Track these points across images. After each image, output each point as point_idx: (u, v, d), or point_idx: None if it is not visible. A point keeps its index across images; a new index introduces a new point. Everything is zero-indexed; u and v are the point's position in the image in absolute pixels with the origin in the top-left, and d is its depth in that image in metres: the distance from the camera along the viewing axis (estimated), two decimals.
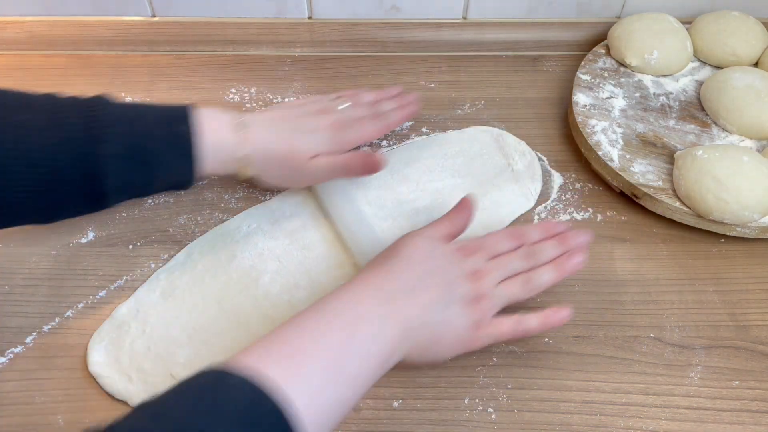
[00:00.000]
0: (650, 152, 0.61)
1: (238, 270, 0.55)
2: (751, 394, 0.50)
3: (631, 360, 0.51)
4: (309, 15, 0.73)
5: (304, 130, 0.55)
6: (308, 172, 0.55)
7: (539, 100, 0.70)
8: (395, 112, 0.61)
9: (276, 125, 0.55)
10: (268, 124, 0.54)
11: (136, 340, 0.51)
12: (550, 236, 0.51)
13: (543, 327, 0.48)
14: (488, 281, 0.48)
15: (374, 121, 0.59)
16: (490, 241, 0.50)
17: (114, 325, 0.52)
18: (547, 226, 0.52)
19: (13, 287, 0.54)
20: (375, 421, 0.48)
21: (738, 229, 0.57)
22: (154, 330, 0.51)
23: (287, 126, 0.55)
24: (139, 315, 0.52)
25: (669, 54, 0.67)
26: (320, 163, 0.55)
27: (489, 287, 0.48)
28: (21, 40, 0.72)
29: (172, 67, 0.72)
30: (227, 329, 0.51)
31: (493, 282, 0.48)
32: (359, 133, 0.57)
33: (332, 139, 0.55)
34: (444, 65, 0.73)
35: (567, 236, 0.51)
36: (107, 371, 0.49)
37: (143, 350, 0.50)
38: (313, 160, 0.54)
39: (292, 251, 0.56)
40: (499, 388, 0.50)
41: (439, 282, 0.46)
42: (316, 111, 0.57)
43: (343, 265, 0.55)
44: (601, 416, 0.49)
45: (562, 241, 0.51)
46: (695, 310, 0.54)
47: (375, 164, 0.56)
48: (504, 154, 0.64)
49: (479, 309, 0.47)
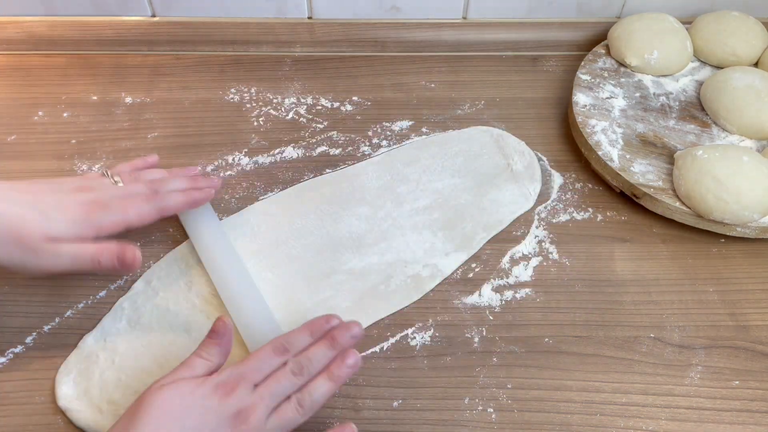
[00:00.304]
0: (650, 152, 0.61)
1: (199, 296, 0.53)
2: (751, 394, 0.50)
3: (631, 360, 0.51)
4: (309, 15, 0.73)
5: (43, 208, 0.47)
6: (48, 258, 0.46)
7: (539, 100, 0.70)
8: (176, 194, 0.53)
9: (10, 197, 0.47)
10: (2, 197, 0.47)
11: (106, 371, 0.49)
12: (317, 338, 0.46)
13: (336, 387, 0.44)
14: (256, 419, 0.41)
15: (145, 202, 0.51)
16: (252, 366, 0.44)
17: (81, 356, 0.50)
18: (314, 326, 0.47)
19: (13, 287, 0.54)
20: (375, 421, 0.48)
21: (738, 229, 0.57)
22: (124, 360, 0.49)
23: (24, 200, 0.47)
24: (107, 344, 0.50)
25: (669, 54, 0.67)
26: (61, 250, 0.46)
27: (259, 426, 0.41)
28: (21, 40, 0.72)
29: (172, 67, 0.72)
30: None
31: (263, 417, 0.41)
32: (119, 216, 0.49)
33: (80, 222, 0.48)
34: (444, 65, 0.73)
35: (335, 335, 0.46)
36: (77, 405, 0.47)
37: (114, 381, 0.48)
38: (51, 244, 0.46)
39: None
40: (499, 388, 0.50)
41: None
42: (71, 188, 0.50)
43: None
44: (601, 416, 0.49)
45: (331, 342, 0.46)
46: (695, 310, 0.54)
47: (129, 261, 0.48)
48: (504, 155, 0.64)
49: None
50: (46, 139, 0.65)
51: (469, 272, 0.56)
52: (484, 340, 0.52)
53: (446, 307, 0.54)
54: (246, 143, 0.65)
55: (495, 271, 0.56)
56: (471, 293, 0.55)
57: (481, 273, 0.56)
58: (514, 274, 0.56)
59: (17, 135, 0.65)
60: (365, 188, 0.61)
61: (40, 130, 0.66)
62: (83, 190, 0.50)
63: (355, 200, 0.60)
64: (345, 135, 0.66)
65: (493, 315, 0.54)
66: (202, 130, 0.66)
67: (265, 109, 0.68)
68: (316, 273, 0.55)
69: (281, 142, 0.65)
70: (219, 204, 0.60)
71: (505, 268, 0.57)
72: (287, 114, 0.68)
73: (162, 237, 0.57)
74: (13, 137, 0.65)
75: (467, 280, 0.56)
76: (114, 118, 0.67)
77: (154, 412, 0.40)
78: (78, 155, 0.63)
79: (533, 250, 0.58)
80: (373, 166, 0.63)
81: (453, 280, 0.56)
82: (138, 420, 0.40)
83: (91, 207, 0.49)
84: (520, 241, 0.58)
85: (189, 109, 0.68)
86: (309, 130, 0.66)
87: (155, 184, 0.53)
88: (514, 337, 0.52)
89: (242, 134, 0.66)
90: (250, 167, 0.63)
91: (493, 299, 0.55)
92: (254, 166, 0.63)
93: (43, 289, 0.54)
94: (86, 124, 0.66)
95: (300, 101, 0.69)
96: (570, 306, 0.54)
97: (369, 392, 0.49)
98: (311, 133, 0.66)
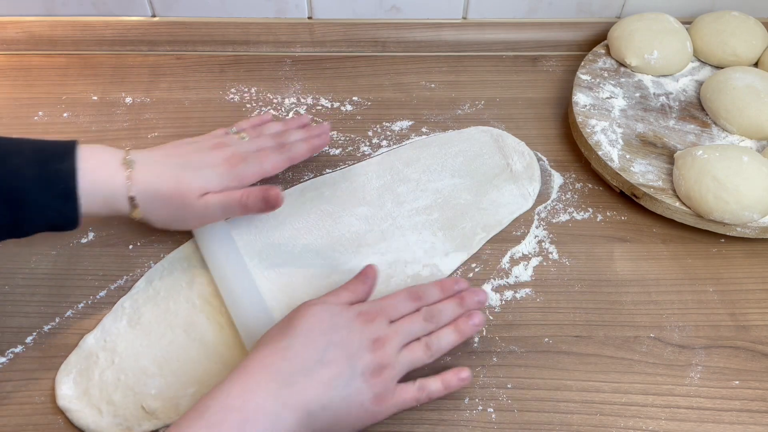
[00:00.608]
0: (650, 152, 0.61)
1: (200, 297, 0.53)
2: (751, 394, 0.50)
3: (631, 360, 0.51)
4: (309, 15, 0.73)
5: (194, 167, 0.52)
6: (199, 211, 0.52)
7: (539, 100, 0.70)
8: (300, 144, 0.57)
9: (163, 162, 0.52)
10: (154, 161, 0.51)
11: (106, 371, 0.49)
12: (448, 296, 0.50)
13: (445, 390, 0.47)
14: (390, 348, 0.46)
15: (275, 153, 0.56)
16: (391, 303, 0.48)
17: (82, 356, 0.50)
18: (446, 285, 0.51)
19: (13, 287, 0.54)
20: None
21: (738, 229, 0.57)
22: (124, 360, 0.50)
23: (174, 162, 0.52)
24: (107, 345, 0.50)
25: (669, 54, 0.67)
26: (211, 201, 0.51)
27: (391, 355, 0.46)
28: (21, 40, 0.72)
29: (172, 67, 0.72)
30: (197, 359, 0.50)
31: (396, 348, 0.46)
32: (258, 167, 0.54)
33: (226, 174, 0.52)
34: (444, 65, 0.73)
35: (465, 296, 0.50)
36: (77, 405, 0.47)
37: (113, 381, 0.49)
38: (203, 198, 0.51)
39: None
40: (499, 388, 0.50)
41: (341, 355, 0.44)
42: (210, 146, 0.54)
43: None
44: (601, 416, 0.49)
45: (460, 301, 0.50)
46: (695, 310, 0.54)
47: (273, 200, 0.52)
48: (503, 155, 0.64)
49: (382, 380, 0.45)
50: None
51: (469, 272, 0.56)
52: (484, 340, 0.52)
53: None
54: None
55: (495, 271, 0.56)
56: None
57: (481, 273, 0.56)
58: (514, 274, 0.56)
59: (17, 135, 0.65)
60: (365, 188, 0.61)
61: (40, 130, 0.66)
62: (221, 146, 0.54)
63: (355, 200, 0.60)
64: (345, 135, 0.66)
65: (493, 315, 0.54)
66: (202, 130, 0.65)
67: (265, 109, 0.68)
68: (317, 273, 0.55)
69: None
70: None
71: (505, 268, 0.57)
72: (287, 114, 0.68)
73: (163, 237, 0.58)
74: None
75: (467, 280, 0.56)
76: (114, 118, 0.67)
77: (305, 323, 0.45)
78: None
79: (533, 250, 0.58)
80: (373, 166, 0.63)
81: None
82: (292, 329, 0.44)
83: (232, 161, 0.53)
84: (520, 241, 0.58)
85: (189, 109, 0.68)
86: None
87: (278, 137, 0.58)
88: (514, 337, 0.52)
89: None
90: None
91: (493, 299, 0.55)
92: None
93: (43, 289, 0.54)
94: (86, 124, 0.66)
95: (300, 101, 0.69)
96: (570, 306, 0.54)
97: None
98: None
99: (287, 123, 0.61)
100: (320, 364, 0.43)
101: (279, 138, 0.58)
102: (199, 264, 0.55)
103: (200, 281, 0.54)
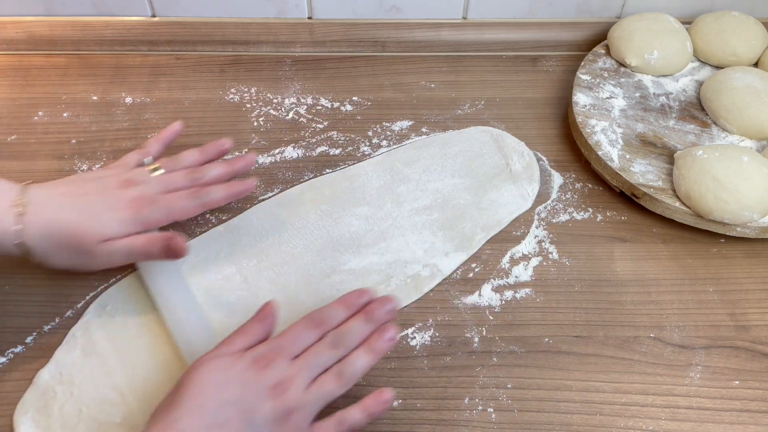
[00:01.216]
0: (650, 152, 0.61)
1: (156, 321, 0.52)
2: (751, 394, 0.50)
3: (631, 360, 0.51)
4: (309, 15, 0.73)
5: (95, 210, 0.48)
6: (100, 258, 0.49)
7: (539, 100, 0.70)
8: (219, 190, 0.52)
9: (61, 204, 0.48)
10: (52, 202, 0.48)
11: (65, 405, 0.47)
12: (354, 313, 0.47)
13: (368, 418, 0.44)
14: (295, 389, 0.42)
15: (188, 198, 0.51)
16: (290, 338, 0.44)
17: (37, 393, 0.48)
18: (349, 300, 0.47)
19: (13, 287, 0.54)
20: (375, 421, 0.48)
21: (738, 229, 0.57)
22: (83, 392, 0.48)
23: (73, 205, 0.48)
24: (63, 378, 0.48)
25: (669, 54, 0.67)
26: (112, 248, 0.48)
27: (298, 396, 0.42)
28: (21, 40, 0.72)
29: (172, 67, 0.72)
30: (163, 383, 0.48)
31: (302, 387, 0.42)
32: (165, 213, 0.50)
33: (130, 220, 0.49)
34: (444, 65, 0.73)
35: (372, 309, 0.46)
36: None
37: (75, 413, 0.47)
38: (104, 244, 0.48)
39: None
40: (499, 388, 0.50)
41: (236, 413, 0.40)
42: (116, 184, 0.50)
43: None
44: (601, 416, 0.49)
45: (368, 316, 0.46)
46: (695, 310, 0.54)
47: (176, 250, 0.49)
48: (503, 155, 0.64)
49: (291, 426, 0.41)
50: (46, 139, 0.65)
51: (469, 272, 0.56)
52: (484, 340, 0.52)
53: (446, 307, 0.54)
54: (246, 143, 0.65)
55: (495, 271, 0.56)
56: (471, 293, 0.55)
57: (481, 273, 0.56)
58: (514, 274, 0.56)
59: (17, 135, 0.65)
60: (365, 188, 0.61)
61: (40, 130, 0.66)
62: (128, 185, 0.51)
63: (355, 200, 0.60)
64: (345, 135, 0.66)
65: (493, 315, 0.54)
66: (202, 130, 0.66)
67: (265, 109, 0.68)
68: (317, 273, 0.55)
69: (281, 142, 0.65)
70: None
71: (505, 268, 0.57)
72: (287, 114, 0.68)
73: None
74: (13, 137, 0.65)
75: (467, 280, 0.56)
76: (114, 118, 0.67)
77: (194, 387, 0.41)
78: (78, 155, 0.63)
79: (533, 250, 0.58)
80: (373, 166, 0.63)
81: (453, 280, 0.56)
82: (180, 396, 0.41)
83: (138, 204, 0.50)
84: (520, 241, 0.58)
85: (189, 109, 0.68)
86: (309, 130, 0.66)
87: (195, 173, 0.53)
88: (514, 337, 0.52)
89: (242, 134, 0.66)
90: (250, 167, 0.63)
91: (493, 299, 0.55)
92: (254, 166, 0.63)
93: (43, 289, 0.54)
94: (86, 124, 0.66)
95: (300, 101, 0.69)
96: (570, 306, 0.54)
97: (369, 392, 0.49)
98: (311, 133, 0.66)
99: (205, 151, 0.56)
100: (215, 425, 0.40)
101: (195, 174, 0.53)
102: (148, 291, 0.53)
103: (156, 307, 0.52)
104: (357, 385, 0.45)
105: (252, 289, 0.54)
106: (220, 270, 0.55)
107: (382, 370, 0.50)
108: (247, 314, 0.52)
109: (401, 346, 0.52)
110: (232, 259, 0.56)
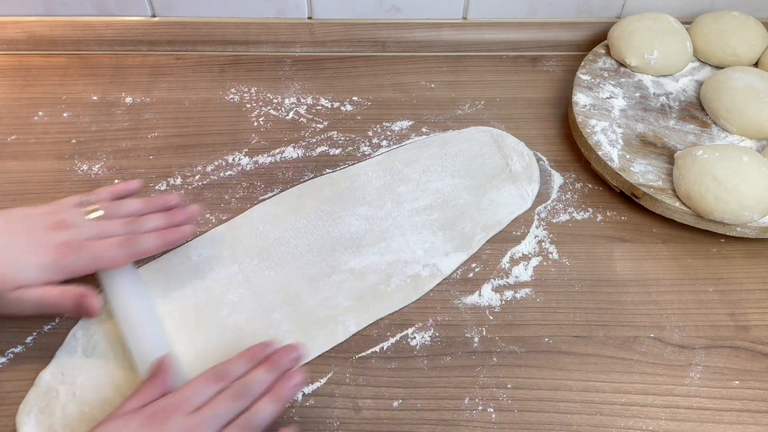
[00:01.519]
0: (650, 152, 0.61)
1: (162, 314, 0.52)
2: (751, 394, 0.50)
3: (631, 360, 0.51)
4: (309, 15, 0.73)
5: (15, 253, 0.46)
6: (8, 305, 0.46)
7: (539, 100, 0.70)
8: (152, 238, 0.50)
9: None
10: None
11: (68, 405, 0.47)
12: (256, 364, 0.45)
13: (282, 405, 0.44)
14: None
15: (118, 246, 0.49)
16: (190, 391, 0.43)
17: (40, 393, 0.48)
18: (253, 353, 0.46)
19: None
20: (375, 421, 0.48)
21: (738, 229, 0.57)
22: (85, 392, 0.48)
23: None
24: (65, 378, 0.49)
25: (669, 54, 0.67)
26: (24, 297, 0.46)
27: None
28: (21, 40, 0.72)
29: (172, 67, 0.72)
30: None
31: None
32: (90, 262, 0.48)
33: (51, 267, 0.47)
34: (444, 65, 0.73)
35: (277, 358, 0.46)
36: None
37: (77, 414, 0.47)
38: (16, 292, 0.46)
39: None
40: (499, 388, 0.50)
41: None
42: (47, 225, 0.48)
43: None
44: (601, 416, 0.49)
45: (272, 366, 0.45)
46: (695, 310, 0.54)
47: (87, 310, 0.47)
48: (503, 155, 0.64)
49: None
50: (46, 139, 0.65)
51: (469, 272, 0.56)
52: (484, 340, 0.52)
53: (446, 307, 0.54)
54: (246, 143, 0.65)
55: (495, 271, 0.56)
56: (471, 293, 0.55)
57: (481, 273, 0.56)
58: (514, 274, 0.56)
59: (17, 135, 0.65)
60: (365, 188, 0.61)
61: (40, 130, 0.66)
62: (58, 227, 0.49)
63: (355, 200, 0.60)
64: (345, 135, 0.66)
65: (493, 315, 0.54)
66: (202, 130, 0.66)
67: (265, 109, 0.68)
68: (317, 272, 0.55)
69: (281, 142, 0.65)
70: (219, 204, 0.60)
71: (505, 268, 0.57)
72: (287, 114, 0.68)
73: None
74: (13, 137, 0.65)
75: (467, 280, 0.56)
76: (114, 118, 0.67)
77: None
78: (78, 155, 0.63)
79: (533, 250, 0.58)
80: (373, 166, 0.63)
81: (453, 280, 0.56)
82: None
83: (64, 250, 0.47)
84: (520, 241, 0.58)
85: (189, 109, 0.68)
86: (309, 130, 0.66)
87: (133, 222, 0.51)
88: (514, 337, 0.52)
89: (242, 134, 0.66)
90: (250, 167, 0.63)
91: (493, 299, 0.55)
92: (254, 166, 0.63)
93: None
94: (86, 124, 0.66)
95: (300, 101, 0.69)
96: (570, 306, 0.54)
97: (369, 392, 0.49)
98: (311, 133, 0.66)
99: (150, 203, 0.54)
100: None
101: (133, 225, 0.51)
102: (152, 283, 0.54)
103: (156, 300, 0.53)
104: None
105: (253, 288, 0.54)
106: (222, 269, 0.55)
107: (383, 370, 0.50)
108: (248, 313, 0.52)
109: (401, 346, 0.52)
110: (234, 258, 0.56)
